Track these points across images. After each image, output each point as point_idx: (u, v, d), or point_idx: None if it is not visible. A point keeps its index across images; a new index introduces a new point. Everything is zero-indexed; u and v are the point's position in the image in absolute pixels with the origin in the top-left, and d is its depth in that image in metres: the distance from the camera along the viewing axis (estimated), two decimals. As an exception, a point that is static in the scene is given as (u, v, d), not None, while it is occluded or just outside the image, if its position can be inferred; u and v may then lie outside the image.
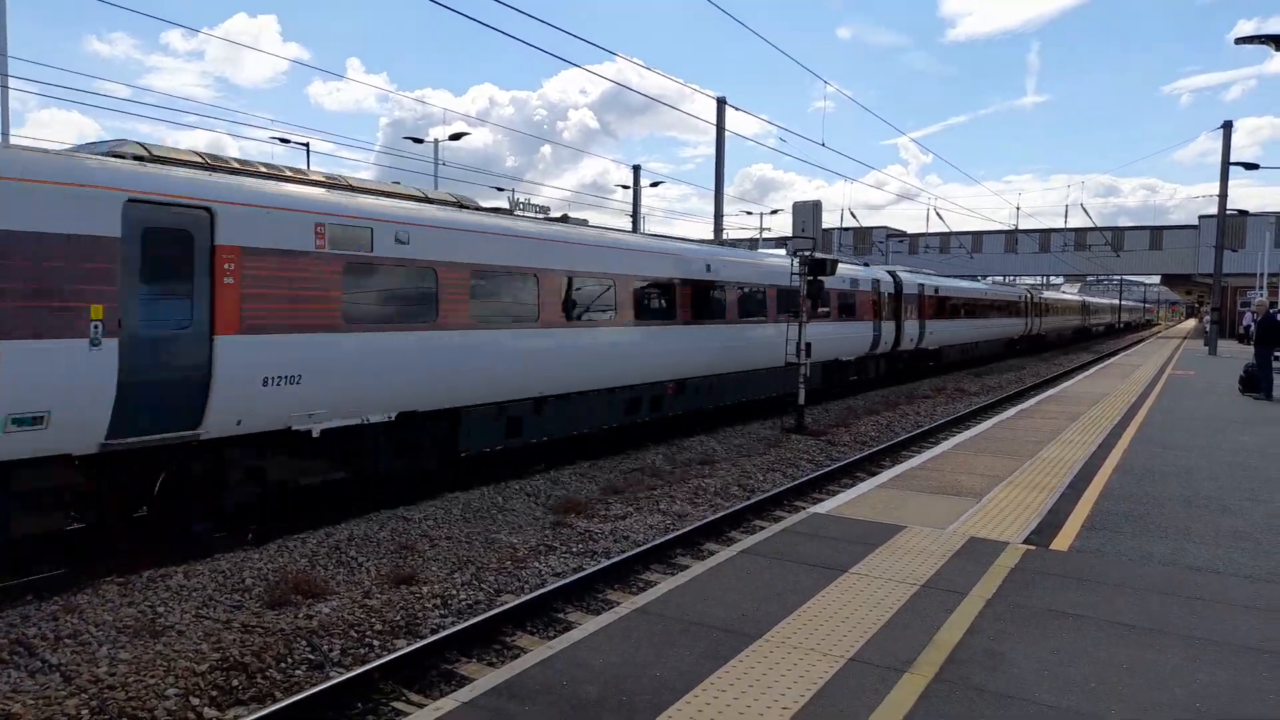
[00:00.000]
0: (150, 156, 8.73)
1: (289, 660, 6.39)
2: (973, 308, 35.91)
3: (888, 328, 25.97)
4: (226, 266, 8.73)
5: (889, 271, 27.80)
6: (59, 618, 6.93)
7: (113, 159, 8.37)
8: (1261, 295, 34.39)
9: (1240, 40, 18.18)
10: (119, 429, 7.92)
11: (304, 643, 6.64)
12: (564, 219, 14.84)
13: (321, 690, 5.73)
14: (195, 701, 5.74)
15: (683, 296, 16.14)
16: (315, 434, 9.80)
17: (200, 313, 8.56)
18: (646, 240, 16.79)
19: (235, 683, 6.02)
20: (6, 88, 15.31)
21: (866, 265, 27.19)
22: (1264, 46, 18.23)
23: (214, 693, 5.88)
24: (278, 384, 9.21)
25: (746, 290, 18.26)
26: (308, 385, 9.51)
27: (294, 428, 9.54)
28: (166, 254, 8.34)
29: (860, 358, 24.61)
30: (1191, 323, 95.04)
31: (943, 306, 31.50)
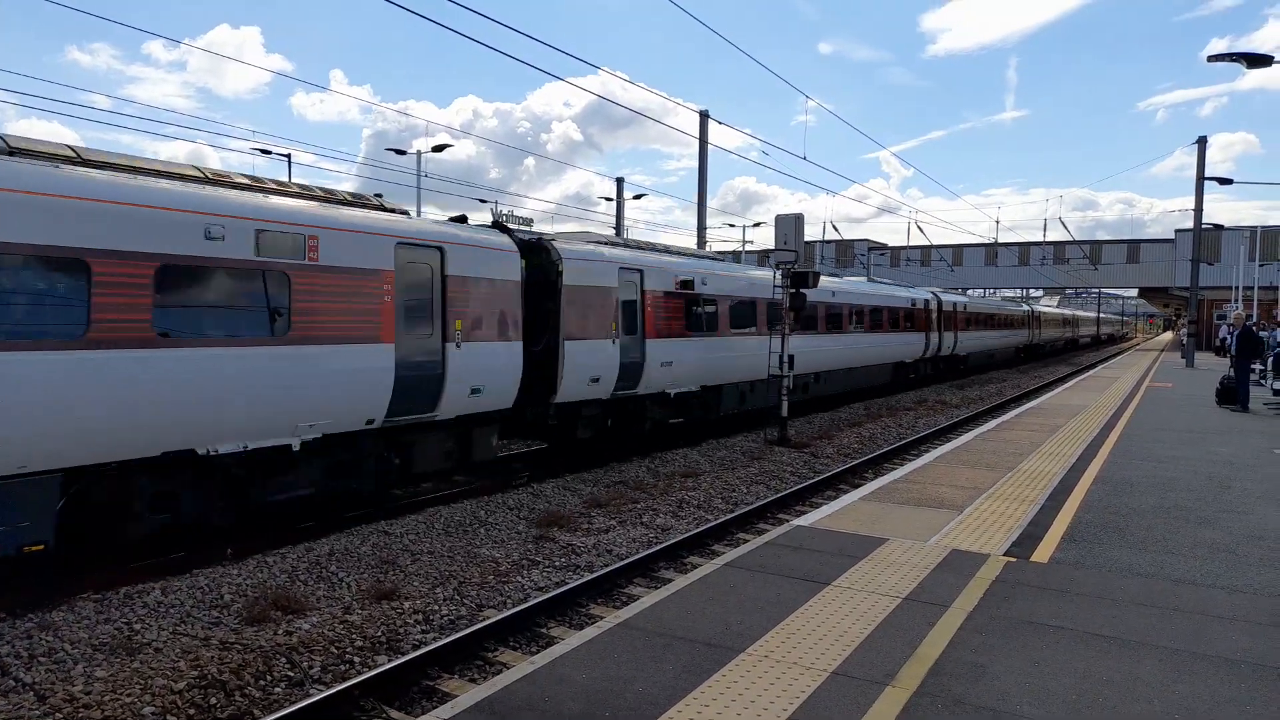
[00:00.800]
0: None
1: (268, 678, 6.32)
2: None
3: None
4: None
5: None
6: (33, 635, 6.83)
7: None
8: (1238, 308, 34.85)
9: (1213, 58, 18.47)
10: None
11: (283, 659, 6.56)
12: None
13: (301, 708, 5.66)
14: (172, 720, 5.66)
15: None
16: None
17: None
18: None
19: (213, 701, 5.94)
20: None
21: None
22: (1235, 65, 18.53)
23: (191, 711, 5.80)
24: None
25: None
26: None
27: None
28: None
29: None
30: (1169, 335, 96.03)
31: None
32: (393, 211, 11.37)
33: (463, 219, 12.99)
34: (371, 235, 10.45)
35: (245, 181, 9.79)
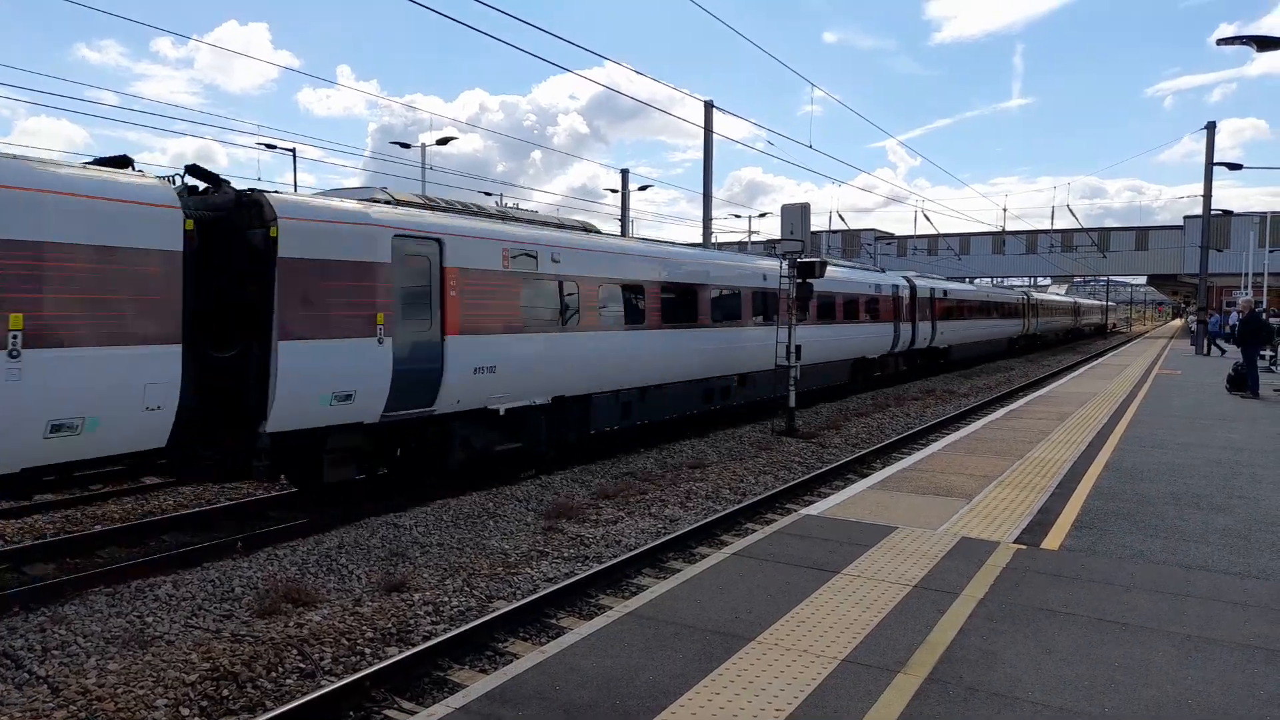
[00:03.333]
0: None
1: (280, 669, 6.34)
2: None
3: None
4: None
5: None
6: (46, 629, 6.87)
7: None
8: (1247, 295, 34.64)
9: (1222, 41, 18.32)
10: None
11: (295, 651, 6.59)
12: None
13: (313, 699, 5.68)
14: (185, 712, 5.69)
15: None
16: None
17: None
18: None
19: (225, 692, 5.97)
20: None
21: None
22: (1245, 49, 18.38)
23: (204, 703, 5.83)
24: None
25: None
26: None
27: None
28: None
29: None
30: (1178, 323, 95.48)
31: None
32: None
33: (124, 161, 8.93)
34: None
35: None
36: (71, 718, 5.51)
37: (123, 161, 8.86)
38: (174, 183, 9.14)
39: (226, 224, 9.39)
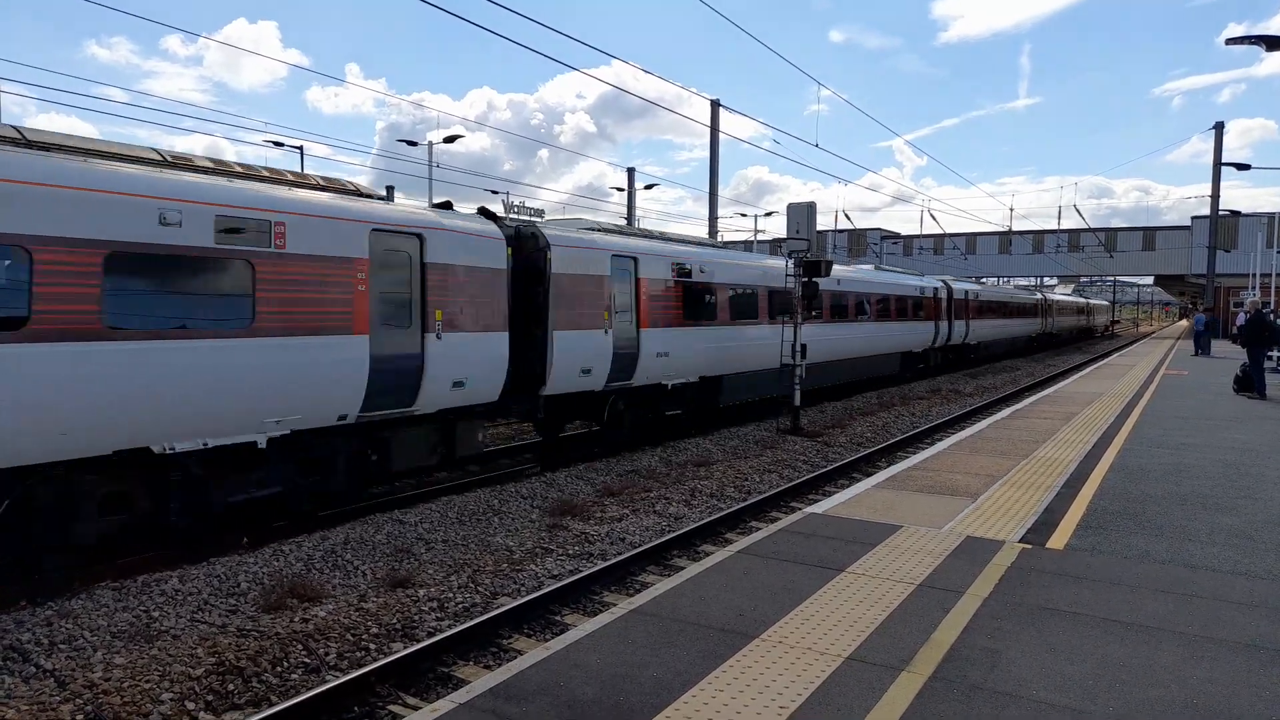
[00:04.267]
0: None
1: (285, 664, 6.37)
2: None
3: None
4: None
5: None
6: (53, 623, 6.90)
7: None
8: (1254, 295, 34.49)
9: (1231, 41, 18.25)
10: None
11: (300, 646, 6.61)
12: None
13: (318, 694, 5.70)
14: (190, 706, 5.72)
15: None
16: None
17: None
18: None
19: (231, 687, 5.99)
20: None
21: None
22: (1254, 48, 18.30)
23: (209, 697, 5.85)
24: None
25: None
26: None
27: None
28: None
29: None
30: (1185, 324, 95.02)
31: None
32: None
33: (447, 205, 12.58)
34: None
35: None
36: (78, 711, 5.53)
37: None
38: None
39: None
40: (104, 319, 7.76)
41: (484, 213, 12.96)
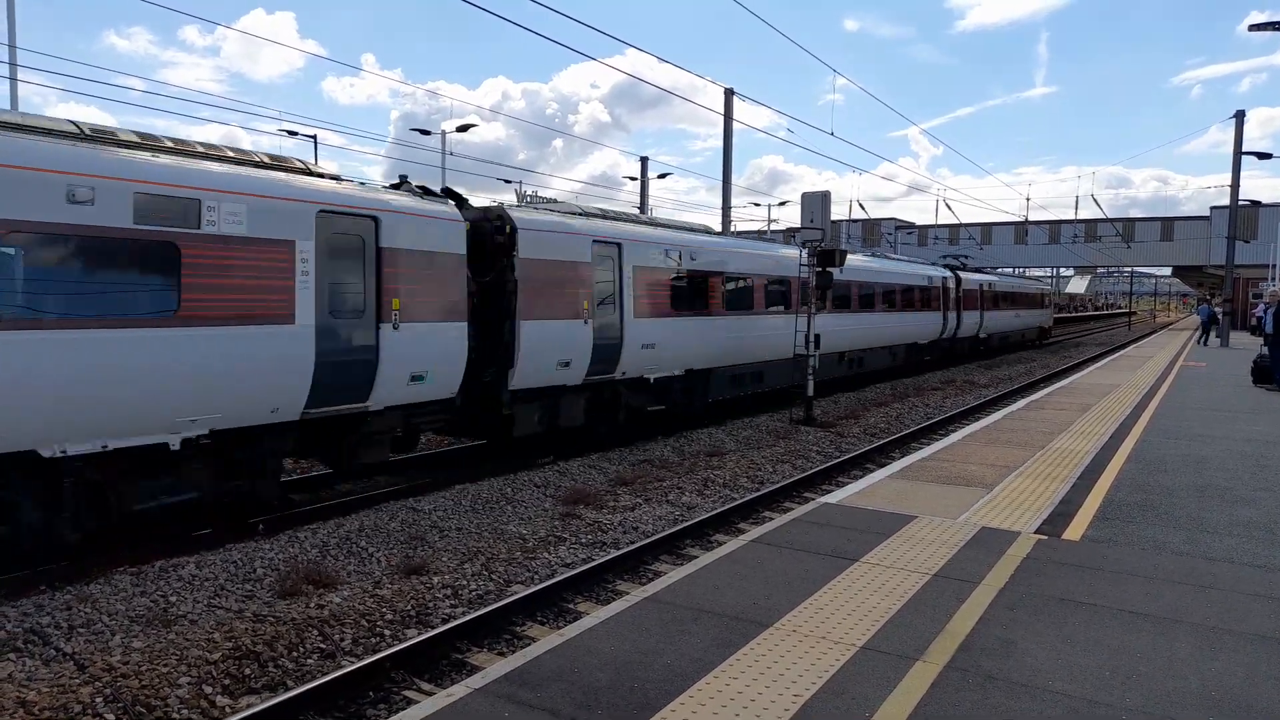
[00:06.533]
0: None
1: (301, 649, 6.41)
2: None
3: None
4: None
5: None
6: (73, 607, 6.97)
7: None
8: (1274, 286, 34.10)
9: (1254, 27, 18.01)
10: None
11: (315, 632, 6.66)
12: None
13: (333, 679, 5.75)
14: (208, 690, 5.77)
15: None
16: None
17: None
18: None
19: (247, 671, 6.04)
20: (15, 79, 15.35)
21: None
22: (1275, 36, 18.05)
23: (226, 681, 5.90)
24: None
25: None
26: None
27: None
28: None
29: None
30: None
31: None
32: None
33: (403, 183, 11.77)
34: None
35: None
36: (98, 694, 5.59)
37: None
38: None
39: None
40: None
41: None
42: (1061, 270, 76.95)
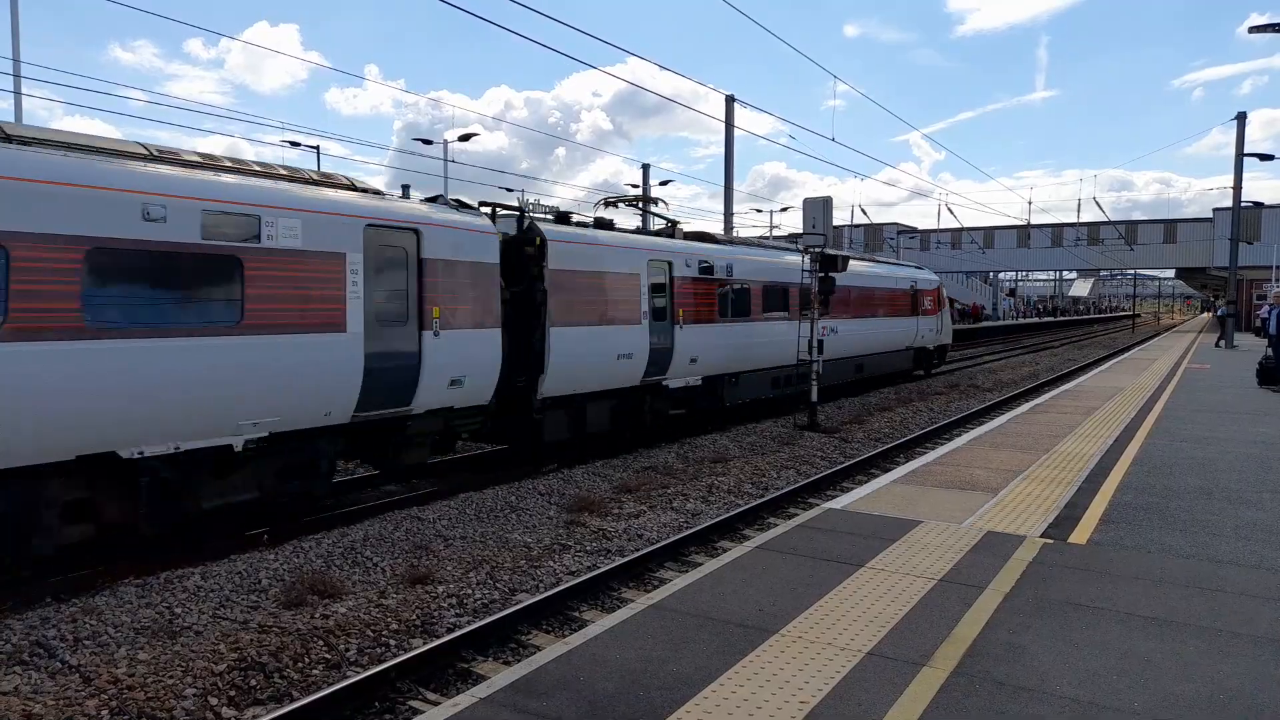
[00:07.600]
0: None
1: (306, 660, 6.40)
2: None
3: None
4: None
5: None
6: (78, 619, 6.97)
7: None
8: (1278, 288, 34.02)
9: (1254, 29, 18.01)
10: None
11: (321, 642, 6.65)
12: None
13: (339, 689, 5.73)
14: (213, 701, 5.76)
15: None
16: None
17: None
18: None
19: (253, 682, 6.04)
20: (20, 92, 15.43)
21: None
22: (1276, 38, 18.05)
23: (232, 692, 5.90)
24: None
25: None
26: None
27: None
28: None
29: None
30: (1207, 316, 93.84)
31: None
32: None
33: (437, 198, 12.21)
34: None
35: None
36: (103, 706, 5.59)
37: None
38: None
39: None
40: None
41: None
42: (1065, 274, 76.81)
